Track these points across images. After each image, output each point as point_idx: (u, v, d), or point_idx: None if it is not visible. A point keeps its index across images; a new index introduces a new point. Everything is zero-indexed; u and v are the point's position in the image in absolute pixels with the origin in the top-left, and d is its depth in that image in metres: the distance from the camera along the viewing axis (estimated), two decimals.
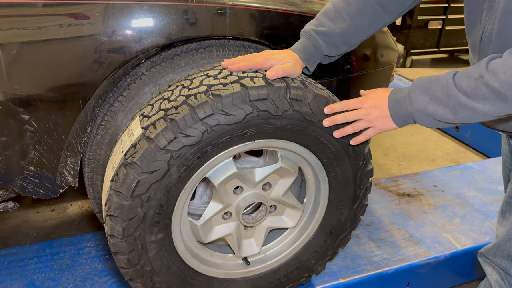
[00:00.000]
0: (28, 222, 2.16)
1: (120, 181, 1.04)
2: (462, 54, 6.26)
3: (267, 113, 1.09)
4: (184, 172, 1.07)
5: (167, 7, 1.16)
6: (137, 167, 1.03)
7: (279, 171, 1.29)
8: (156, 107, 1.10)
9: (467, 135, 3.28)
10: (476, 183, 2.28)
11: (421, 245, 1.78)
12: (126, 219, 1.06)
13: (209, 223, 1.27)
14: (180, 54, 1.26)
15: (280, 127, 1.13)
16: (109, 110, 1.25)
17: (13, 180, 1.22)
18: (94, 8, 1.10)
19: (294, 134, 1.16)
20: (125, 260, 1.12)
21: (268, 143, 1.18)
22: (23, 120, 1.13)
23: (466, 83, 0.92)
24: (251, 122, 1.08)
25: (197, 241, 1.29)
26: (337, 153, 1.24)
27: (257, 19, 1.28)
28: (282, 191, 1.33)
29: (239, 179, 1.24)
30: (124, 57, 1.16)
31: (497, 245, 1.19)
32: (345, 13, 1.16)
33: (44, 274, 1.59)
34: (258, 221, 1.33)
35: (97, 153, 1.27)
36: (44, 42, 1.07)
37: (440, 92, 0.95)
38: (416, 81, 1.01)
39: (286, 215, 1.40)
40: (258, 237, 1.38)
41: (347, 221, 1.42)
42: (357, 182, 1.34)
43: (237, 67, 1.12)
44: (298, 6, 1.34)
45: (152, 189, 1.05)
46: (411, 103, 1.00)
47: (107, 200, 1.08)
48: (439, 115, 0.96)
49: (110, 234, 1.09)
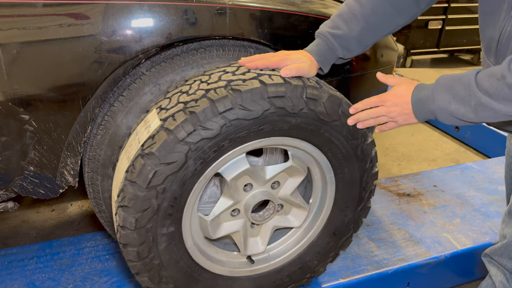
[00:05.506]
0: (28, 222, 2.16)
1: (137, 171, 1.04)
2: (462, 54, 6.27)
3: (284, 110, 1.10)
4: (200, 165, 1.08)
5: (167, 7, 1.16)
6: (154, 158, 1.03)
7: (289, 170, 1.30)
8: (175, 100, 1.11)
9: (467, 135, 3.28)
10: (476, 183, 2.28)
11: (421, 245, 1.77)
12: (140, 210, 1.06)
13: (218, 219, 1.27)
14: (180, 54, 1.26)
15: (294, 125, 1.14)
16: (109, 110, 1.25)
17: (13, 180, 1.22)
18: (94, 8, 1.10)
19: (307, 133, 1.18)
20: (135, 252, 1.12)
21: (282, 141, 1.19)
22: (23, 120, 1.13)
23: (488, 83, 0.92)
24: (268, 118, 1.09)
25: (204, 237, 1.29)
26: (346, 154, 1.26)
27: (257, 19, 1.28)
28: (290, 190, 1.34)
29: (250, 176, 1.24)
30: (124, 57, 1.16)
31: (505, 246, 1.19)
32: (359, 15, 1.17)
33: (44, 274, 1.59)
34: (265, 219, 1.34)
35: (97, 153, 1.27)
36: (44, 42, 1.07)
37: (462, 91, 0.96)
38: (439, 79, 1.02)
39: (292, 215, 1.40)
40: (264, 235, 1.38)
41: (351, 222, 1.43)
42: (363, 184, 1.35)
43: (254, 65, 1.15)
44: (298, 6, 1.34)
45: (168, 180, 1.05)
46: (434, 101, 1.01)
47: (121, 191, 1.08)
48: (460, 114, 0.97)
49: (121, 226, 1.09)
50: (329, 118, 1.16)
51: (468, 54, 6.17)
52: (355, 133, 1.23)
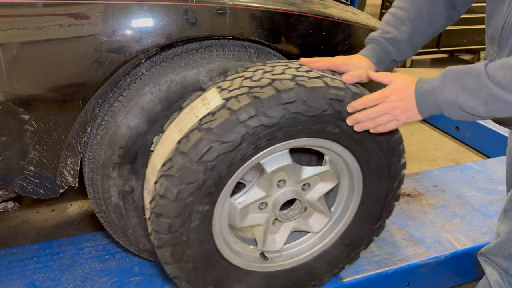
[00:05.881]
0: (28, 222, 2.16)
1: (191, 144, 1.05)
2: (462, 54, 6.27)
3: (340, 115, 1.13)
4: (252, 150, 1.10)
5: (167, 7, 1.16)
6: (212, 134, 1.05)
7: (323, 175, 1.33)
8: (237, 83, 1.13)
9: (467, 135, 3.28)
10: (476, 183, 2.28)
11: (421, 245, 1.78)
12: (185, 182, 1.07)
13: (247, 209, 1.28)
14: (180, 54, 1.26)
15: (345, 130, 1.17)
16: (109, 110, 1.25)
17: (13, 180, 1.22)
18: (94, 8, 1.10)
19: (352, 141, 1.21)
20: (167, 224, 1.11)
21: (325, 144, 1.22)
22: (23, 120, 1.13)
23: (501, 73, 0.87)
24: (323, 119, 1.12)
25: (228, 225, 1.30)
26: (380, 169, 1.29)
27: (257, 19, 1.28)
28: (319, 194, 1.36)
29: (287, 173, 1.26)
30: (124, 57, 1.16)
31: (499, 244, 1.19)
32: (406, 19, 1.20)
33: (44, 274, 1.59)
34: (289, 218, 1.35)
35: (97, 153, 1.27)
36: (44, 42, 1.07)
37: (472, 83, 0.91)
38: (446, 71, 0.97)
39: (313, 219, 1.42)
40: (282, 234, 1.40)
41: (365, 238, 1.45)
42: (386, 202, 1.39)
43: (317, 65, 1.17)
44: (298, 6, 1.34)
45: (219, 159, 1.07)
46: (442, 93, 0.95)
47: (168, 160, 1.09)
48: (470, 107, 0.92)
49: (161, 195, 1.09)
50: None
51: (468, 54, 6.17)
52: (394, 149, 1.26)
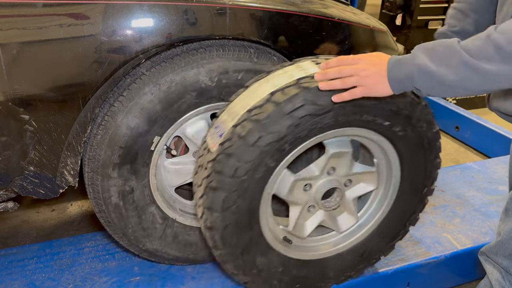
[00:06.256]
0: (28, 222, 2.16)
1: (286, 97, 1.11)
2: None
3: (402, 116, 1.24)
4: (332, 122, 1.17)
5: (167, 7, 1.16)
6: (309, 93, 1.11)
7: (368, 175, 1.40)
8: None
9: (467, 135, 3.28)
10: (476, 183, 2.28)
11: (421, 245, 1.77)
12: (269, 131, 1.12)
13: (297, 183, 1.31)
14: (180, 54, 1.26)
15: (395, 131, 1.26)
16: (109, 110, 1.25)
17: (13, 180, 1.22)
18: (94, 8, 1.10)
19: (395, 135, 1.29)
20: (234, 168, 1.15)
21: (378, 139, 1.30)
22: (23, 120, 1.13)
23: (471, 43, 0.92)
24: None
25: (272, 195, 1.31)
26: (417, 165, 1.37)
27: (257, 19, 1.28)
28: (356, 194, 1.41)
29: (341, 161, 1.33)
30: (124, 57, 1.16)
31: (499, 243, 1.19)
32: (468, 10, 1.26)
33: (44, 274, 1.59)
34: (324, 207, 1.39)
35: (97, 153, 1.27)
36: (44, 42, 1.07)
37: (443, 51, 0.94)
38: (419, 45, 0.99)
39: (341, 218, 1.46)
40: (311, 224, 1.42)
41: (379, 252, 1.53)
42: (408, 219, 1.50)
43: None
44: (298, 6, 1.34)
45: (305, 119, 1.13)
46: (413, 60, 0.96)
47: (258, 106, 1.13)
48: (441, 75, 0.93)
49: (241, 136, 1.12)
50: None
51: None
52: (432, 146, 1.35)
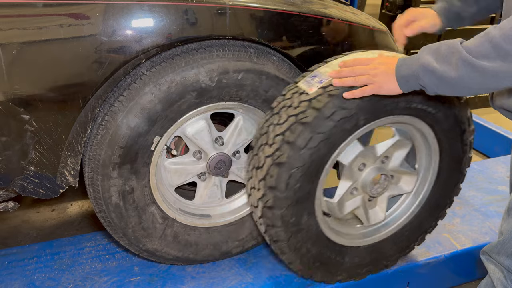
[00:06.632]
0: (28, 222, 2.16)
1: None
2: None
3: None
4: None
5: (167, 7, 1.16)
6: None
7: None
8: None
9: None
10: (476, 183, 2.28)
11: (421, 245, 1.77)
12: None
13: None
14: (180, 54, 1.26)
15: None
16: (110, 110, 1.25)
17: (14, 180, 1.22)
18: (94, 8, 1.10)
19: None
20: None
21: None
22: (23, 120, 1.13)
23: (471, 41, 0.97)
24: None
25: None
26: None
27: (257, 19, 1.28)
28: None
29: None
30: (124, 57, 1.16)
31: (501, 243, 1.19)
32: None
33: (44, 274, 1.59)
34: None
35: (98, 153, 1.27)
36: (44, 42, 1.07)
37: (446, 50, 0.99)
38: (425, 46, 1.06)
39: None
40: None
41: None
42: (425, 230, 1.59)
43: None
44: (298, 6, 1.34)
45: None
46: (418, 60, 1.03)
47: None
48: (442, 71, 0.98)
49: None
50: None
51: None
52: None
